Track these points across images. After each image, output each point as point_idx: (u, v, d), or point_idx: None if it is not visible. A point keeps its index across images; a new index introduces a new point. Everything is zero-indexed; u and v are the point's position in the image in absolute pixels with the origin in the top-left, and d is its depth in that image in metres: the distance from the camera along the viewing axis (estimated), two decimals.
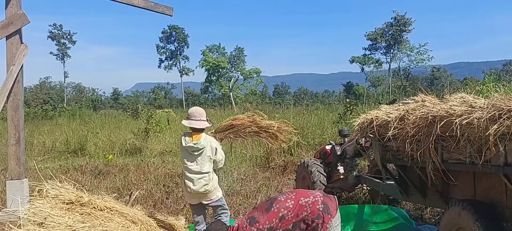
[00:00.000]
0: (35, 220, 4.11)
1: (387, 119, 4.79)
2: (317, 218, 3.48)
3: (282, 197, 3.67)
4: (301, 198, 3.58)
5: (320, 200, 3.56)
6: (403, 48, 62.57)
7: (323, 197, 3.61)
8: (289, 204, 3.55)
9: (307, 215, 3.50)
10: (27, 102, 48.78)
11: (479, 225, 3.86)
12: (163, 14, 7.09)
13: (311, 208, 3.52)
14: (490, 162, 3.76)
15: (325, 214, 3.49)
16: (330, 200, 3.61)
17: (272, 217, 3.54)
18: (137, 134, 15.78)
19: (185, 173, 5.11)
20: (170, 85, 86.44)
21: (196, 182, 5.07)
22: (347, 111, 15.40)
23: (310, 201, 3.54)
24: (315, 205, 3.52)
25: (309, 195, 3.61)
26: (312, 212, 3.51)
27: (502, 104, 3.53)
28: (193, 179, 5.07)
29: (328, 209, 3.52)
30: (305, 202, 3.54)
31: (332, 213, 3.52)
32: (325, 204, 3.53)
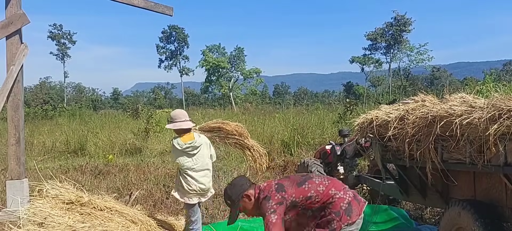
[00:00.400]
0: (35, 220, 4.11)
1: (387, 119, 4.79)
2: (336, 214, 3.44)
3: (316, 179, 3.62)
4: (333, 188, 3.53)
5: (348, 199, 3.50)
6: (403, 48, 62.59)
7: (352, 198, 3.54)
8: (320, 189, 3.51)
9: (329, 204, 3.48)
10: (27, 102, 48.78)
11: (479, 225, 3.86)
12: (163, 14, 7.10)
13: (336, 201, 3.48)
14: (490, 162, 3.76)
15: (345, 215, 3.44)
16: (357, 205, 3.53)
17: (300, 193, 3.50)
18: (137, 134, 15.78)
19: (188, 173, 5.12)
20: (170, 85, 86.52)
21: (201, 180, 5.15)
22: (347, 111, 15.42)
23: (338, 195, 3.49)
24: (340, 201, 3.48)
25: (341, 189, 3.56)
26: (334, 205, 3.48)
27: (502, 104, 3.53)
28: (197, 177, 5.13)
29: (351, 211, 3.46)
30: (333, 193, 3.51)
31: (352, 217, 3.45)
32: (349, 205, 3.48)
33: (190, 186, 5.11)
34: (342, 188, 3.59)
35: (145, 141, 15.11)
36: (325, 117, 16.38)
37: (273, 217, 3.38)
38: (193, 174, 5.11)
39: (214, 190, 5.41)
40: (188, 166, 5.12)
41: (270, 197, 3.46)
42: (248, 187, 3.61)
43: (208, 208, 7.42)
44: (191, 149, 5.13)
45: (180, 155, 5.14)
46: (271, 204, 3.42)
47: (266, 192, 3.52)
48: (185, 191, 5.19)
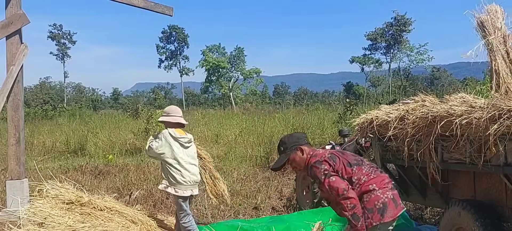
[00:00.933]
0: (35, 220, 4.12)
1: (387, 119, 4.79)
2: (369, 210, 3.37)
3: (365, 168, 3.53)
4: (374, 184, 3.44)
5: (384, 199, 3.40)
6: (403, 48, 62.58)
7: (390, 199, 3.42)
8: (363, 179, 3.45)
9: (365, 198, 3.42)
10: (27, 102, 48.80)
11: (479, 225, 3.86)
12: (163, 14, 7.10)
13: (371, 197, 3.41)
14: (490, 162, 3.76)
15: (377, 213, 3.36)
16: (394, 208, 3.41)
17: (345, 172, 3.48)
18: (137, 134, 15.78)
19: (181, 164, 5.10)
20: (170, 85, 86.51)
21: (193, 171, 5.19)
22: (347, 111, 15.41)
23: (376, 193, 3.41)
24: (376, 199, 3.40)
25: (381, 187, 3.45)
26: (369, 201, 3.41)
27: (502, 104, 3.53)
28: (190, 169, 5.15)
29: (385, 212, 3.37)
30: (372, 188, 3.43)
31: (385, 218, 3.35)
32: (384, 205, 3.38)
33: (183, 177, 5.08)
34: (383, 186, 3.47)
35: (145, 141, 15.07)
36: (325, 117, 16.39)
37: (330, 177, 3.39)
38: (187, 166, 5.13)
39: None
40: (178, 158, 5.10)
41: (321, 162, 3.46)
42: (304, 144, 3.62)
43: (208, 208, 7.42)
44: (187, 140, 5.22)
45: (170, 146, 5.10)
46: (323, 168, 3.43)
47: (319, 157, 3.51)
48: (179, 184, 5.11)
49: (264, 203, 7.71)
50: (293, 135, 3.74)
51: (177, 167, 5.10)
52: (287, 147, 3.61)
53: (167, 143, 5.09)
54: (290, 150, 3.60)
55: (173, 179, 5.09)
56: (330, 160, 3.48)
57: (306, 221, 5.85)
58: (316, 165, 3.46)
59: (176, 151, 5.11)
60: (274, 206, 7.64)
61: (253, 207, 7.50)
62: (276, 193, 8.37)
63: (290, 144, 3.61)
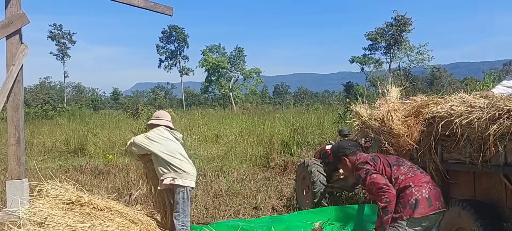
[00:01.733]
0: (35, 220, 4.12)
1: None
2: (402, 205, 3.59)
3: (404, 168, 3.78)
4: (411, 182, 3.66)
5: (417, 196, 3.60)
6: (403, 48, 62.51)
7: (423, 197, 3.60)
8: (401, 178, 3.70)
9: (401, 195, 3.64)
10: (27, 102, 48.78)
11: (479, 225, 3.86)
12: (163, 14, 7.10)
13: (406, 193, 3.63)
14: (490, 162, 3.76)
15: (409, 208, 3.57)
16: (426, 205, 3.59)
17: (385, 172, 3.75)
18: (137, 133, 15.75)
19: (182, 160, 5.12)
20: (170, 85, 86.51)
21: (192, 165, 5.25)
22: (347, 111, 15.39)
23: (411, 189, 3.63)
24: (410, 195, 3.61)
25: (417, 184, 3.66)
26: (404, 196, 3.62)
27: (502, 104, 3.53)
28: (190, 162, 5.23)
29: (416, 208, 3.56)
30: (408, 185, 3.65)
31: (415, 213, 3.56)
32: (417, 202, 3.58)
33: (187, 167, 5.11)
34: (420, 184, 3.66)
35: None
36: (325, 117, 16.39)
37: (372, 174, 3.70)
38: (186, 160, 5.19)
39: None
40: (178, 154, 5.12)
41: (364, 163, 3.81)
42: (349, 153, 3.98)
43: (208, 208, 7.42)
44: (181, 137, 5.35)
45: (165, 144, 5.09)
46: (366, 167, 3.77)
47: (362, 159, 3.87)
48: (187, 173, 5.09)
49: (264, 203, 7.71)
50: (340, 144, 4.15)
51: (181, 158, 5.12)
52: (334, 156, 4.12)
53: (164, 137, 5.10)
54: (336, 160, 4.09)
55: (180, 170, 5.04)
56: (371, 161, 3.82)
57: (306, 221, 5.85)
58: (359, 166, 3.83)
59: (174, 145, 5.14)
60: (274, 206, 7.64)
61: (253, 207, 7.51)
62: (276, 193, 8.37)
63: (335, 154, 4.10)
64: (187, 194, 5.10)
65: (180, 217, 5.05)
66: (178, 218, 5.05)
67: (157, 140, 5.08)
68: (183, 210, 5.08)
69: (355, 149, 4.00)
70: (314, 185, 7.04)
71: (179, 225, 5.04)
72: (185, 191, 5.06)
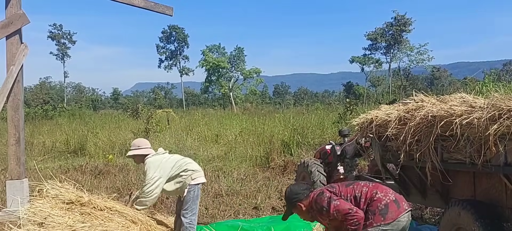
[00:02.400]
0: (35, 220, 4.12)
1: (387, 119, 4.79)
2: (372, 213, 3.62)
3: (362, 183, 3.89)
4: (375, 189, 3.73)
5: (386, 201, 3.66)
6: (403, 48, 62.50)
7: (391, 200, 3.67)
8: (364, 190, 3.74)
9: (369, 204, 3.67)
10: (27, 102, 48.78)
11: (479, 225, 3.85)
12: (163, 14, 7.10)
13: (374, 201, 3.67)
14: (490, 162, 3.76)
15: (379, 215, 3.60)
16: (396, 209, 3.64)
17: (347, 192, 3.76)
18: (137, 134, 15.77)
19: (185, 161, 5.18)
20: (170, 85, 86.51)
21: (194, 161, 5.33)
22: (347, 111, 15.42)
23: (378, 196, 3.69)
24: (378, 202, 3.65)
25: (382, 191, 3.74)
26: (372, 204, 3.67)
27: (502, 104, 3.53)
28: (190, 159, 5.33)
29: (386, 213, 3.60)
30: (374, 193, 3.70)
31: (386, 218, 3.59)
32: (386, 207, 3.63)
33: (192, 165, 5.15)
34: (384, 191, 3.74)
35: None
36: (325, 117, 16.39)
37: (334, 202, 3.66)
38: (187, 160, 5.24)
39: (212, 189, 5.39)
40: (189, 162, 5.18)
41: (323, 192, 3.79)
42: (303, 197, 3.87)
43: (208, 208, 7.42)
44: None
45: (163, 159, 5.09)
46: (326, 196, 3.73)
47: (319, 190, 3.86)
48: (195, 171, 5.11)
49: (264, 203, 7.71)
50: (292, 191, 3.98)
51: (183, 161, 5.12)
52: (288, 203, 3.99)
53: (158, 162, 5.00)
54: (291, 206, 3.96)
55: (189, 171, 5.05)
56: (329, 188, 3.83)
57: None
58: (319, 197, 3.76)
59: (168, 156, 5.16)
60: (274, 206, 7.63)
61: (253, 207, 7.50)
62: (276, 193, 8.37)
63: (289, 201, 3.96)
64: (198, 192, 5.11)
65: (188, 215, 5.02)
66: (186, 216, 5.01)
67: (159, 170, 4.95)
68: (192, 208, 5.06)
69: (307, 192, 3.91)
70: (314, 185, 7.03)
71: (187, 223, 5.01)
72: (195, 189, 5.06)
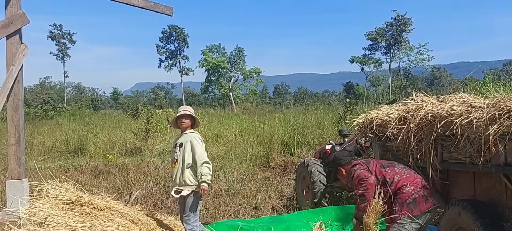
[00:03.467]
0: (35, 220, 4.12)
1: (387, 118, 4.79)
2: (400, 204, 3.78)
3: (398, 168, 4.05)
4: (406, 182, 3.88)
5: (414, 195, 3.80)
6: (403, 48, 62.49)
7: (419, 195, 3.82)
8: (396, 178, 3.91)
9: (397, 194, 3.84)
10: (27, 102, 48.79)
11: (479, 225, 3.85)
12: (163, 14, 7.09)
13: (403, 193, 3.81)
14: (490, 162, 3.75)
15: (407, 207, 3.76)
16: (423, 203, 3.82)
17: (380, 172, 3.97)
18: (137, 134, 15.78)
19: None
20: (170, 85, 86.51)
21: None
22: (347, 111, 15.40)
23: (407, 189, 3.83)
24: (407, 195, 3.80)
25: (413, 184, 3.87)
26: (401, 197, 3.81)
27: (502, 104, 3.53)
28: None
29: (414, 206, 3.77)
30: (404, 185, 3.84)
31: (414, 211, 3.77)
32: (414, 201, 3.78)
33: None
34: (414, 184, 3.89)
35: (145, 141, 15.11)
36: (325, 117, 16.37)
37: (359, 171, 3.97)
38: None
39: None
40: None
41: (356, 165, 4.07)
42: (344, 163, 4.22)
43: (208, 208, 7.42)
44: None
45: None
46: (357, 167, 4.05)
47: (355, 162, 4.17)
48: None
49: (264, 203, 7.71)
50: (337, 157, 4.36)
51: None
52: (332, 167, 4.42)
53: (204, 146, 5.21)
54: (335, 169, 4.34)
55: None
56: (364, 163, 4.10)
57: (306, 221, 5.85)
58: (354, 169, 4.07)
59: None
60: (274, 206, 7.64)
61: (253, 207, 7.50)
62: (276, 193, 8.37)
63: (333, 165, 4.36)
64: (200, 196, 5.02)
65: (191, 222, 4.90)
66: (189, 222, 4.89)
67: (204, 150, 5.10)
68: (195, 214, 4.94)
69: (349, 159, 4.24)
70: (314, 185, 7.03)
71: (189, 230, 4.89)
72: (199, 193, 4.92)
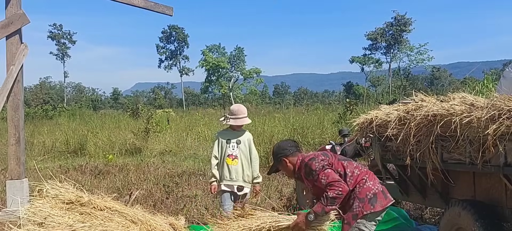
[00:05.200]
0: (35, 220, 4.11)
1: (387, 119, 4.78)
2: (360, 200, 3.65)
3: (355, 163, 3.89)
4: (366, 176, 3.74)
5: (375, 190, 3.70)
6: (403, 48, 62.56)
7: (380, 191, 3.73)
8: (356, 172, 3.75)
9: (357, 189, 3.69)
10: (27, 102, 48.83)
11: (479, 225, 3.85)
12: (163, 14, 7.09)
13: (363, 188, 3.68)
14: (490, 162, 3.75)
15: (368, 203, 3.64)
16: (384, 199, 3.72)
17: (338, 165, 3.76)
18: (137, 134, 15.78)
19: None
20: (170, 85, 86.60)
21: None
22: (347, 111, 15.41)
23: (367, 184, 3.70)
24: (367, 190, 3.68)
25: (372, 179, 3.77)
26: (361, 191, 3.68)
27: (502, 104, 3.52)
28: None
29: (375, 202, 3.66)
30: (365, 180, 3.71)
31: (376, 207, 3.65)
32: (375, 196, 3.67)
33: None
34: (373, 179, 3.78)
35: (145, 141, 15.11)
36: (325, 117, 16.37)
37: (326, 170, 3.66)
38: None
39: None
40: None
41: (315, 158, 3.75)
42: (289, 153, 3.90)
43: (208, 208, 7.42)
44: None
45: None
46: (319, 160, 3.72)
47: (312, 155, 3.82)
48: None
49: (264, 203, 7.70)
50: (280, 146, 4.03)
51: None
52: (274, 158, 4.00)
53: None
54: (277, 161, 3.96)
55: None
56: (323, 155, 3.81)
57: None
58: (310, 161, 3.74)
59: None
60: (274, 206, 7.63)
61: (253, 208, 7.49)
62: (276, 193, 8.37)
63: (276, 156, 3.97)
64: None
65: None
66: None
67: None
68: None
69: (294, 150, 3.95)
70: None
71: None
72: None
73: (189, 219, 6.41)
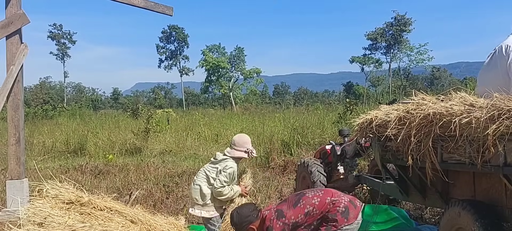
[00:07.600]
0: (35, 220, 4.11)
1: (387, 119, 4.78)
2: (333, 216, 3.66)
3: (310, 193, 3.85)
4: (328, 197, 3.74)
5: (344, 203, 3.71)
6: (403, 48, 62.56)
7: (348, 202, 3.75)
8: (315, 201, 3.73)
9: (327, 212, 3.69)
10: (27, 102, 48.84)
11: (479, 225, 3.85)
12: (163, 14, 7.09)
13: (332, 207, 3.69)
14: (490, 162, 3.75)
15: (342, 217, 3.65)
16: (354, 208, 3.75)
17: (298, 213, 3.72)
18: (137, 133, 15.78)
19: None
20: (170, 85, 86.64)
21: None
22: (347, 111, 15.40)
23: (334, 201, 3.71)
24: (337, 205, 3.69)
25: (336, 195, 3.77)
26: (332, 209, 3.69)
27: (502, 104, 3.52)
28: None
29: (348, 214, 3.68)
30: (329, 200, 3.72)
31: (349, 219, 3.66)
32: (346, 209, 3.68)
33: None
34: (337, 194, 3.80)
35: (145, 141, 15.11)
36: (325, 117, 16.37)
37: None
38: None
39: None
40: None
41: (272, 227, 3.72)
42: (254, 219, 3.83)
43: None
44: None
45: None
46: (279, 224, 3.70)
47: (268, 222, 3.77)
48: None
49: (264, 203, 7.70)
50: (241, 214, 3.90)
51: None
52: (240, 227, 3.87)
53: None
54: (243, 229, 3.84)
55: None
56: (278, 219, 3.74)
57: None
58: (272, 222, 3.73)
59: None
60: None
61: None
62: (276, 193, 8.37)
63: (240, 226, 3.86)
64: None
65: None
66: None
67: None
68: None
69: (256, 212, 3.90)
70: (314, 185, 7.03)
71: None
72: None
73: (189, 219, 6.40)
